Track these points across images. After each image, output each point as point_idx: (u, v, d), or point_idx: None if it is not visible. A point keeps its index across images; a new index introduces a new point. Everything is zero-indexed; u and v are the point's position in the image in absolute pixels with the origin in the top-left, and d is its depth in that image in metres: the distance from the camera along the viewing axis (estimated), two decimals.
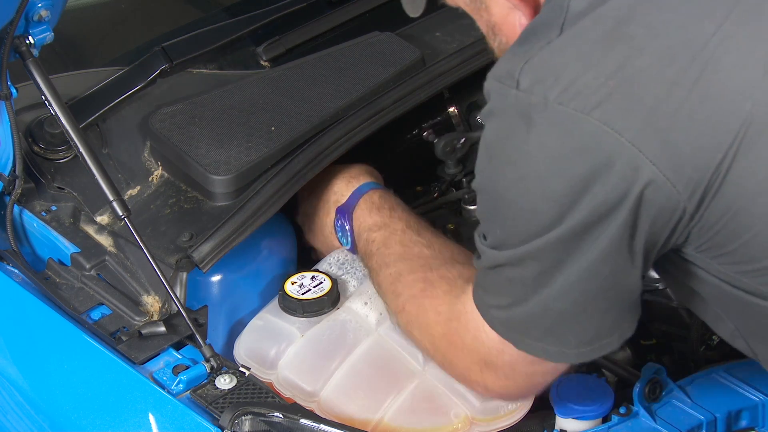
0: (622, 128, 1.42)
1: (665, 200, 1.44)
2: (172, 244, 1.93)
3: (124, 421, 1.71)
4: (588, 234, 1.47)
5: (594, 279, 1.50)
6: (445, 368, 1.81)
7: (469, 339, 1.68)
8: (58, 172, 2.09)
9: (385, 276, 1.91)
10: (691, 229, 1.48)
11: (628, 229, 1.46)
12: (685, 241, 1.51)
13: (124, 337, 1.80)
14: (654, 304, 2.07)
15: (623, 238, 1.47)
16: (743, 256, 1.49)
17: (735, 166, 1.43)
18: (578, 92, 1.44)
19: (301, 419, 1.65)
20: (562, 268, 1.50)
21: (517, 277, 1.55)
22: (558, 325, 1.56)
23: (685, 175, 1.43)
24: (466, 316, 1.68)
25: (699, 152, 1.43)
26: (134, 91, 2.20)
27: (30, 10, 1.90)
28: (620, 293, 1.54)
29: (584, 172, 1.44)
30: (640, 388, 1.69)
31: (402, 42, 2.31)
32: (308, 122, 2.09)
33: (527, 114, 1.46)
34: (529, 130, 1.46)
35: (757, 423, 1.75)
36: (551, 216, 1.47)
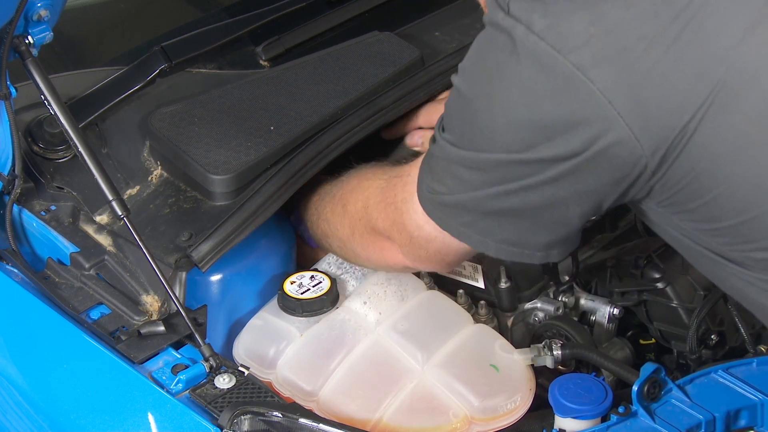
0: (596, 77, 1.44)
1: (628, 154, 1.47)
2: (172, 244, 1.94)
3: (123, 420, 1.71)
4: (540, 167, 1.51)
5: (533, 196, 1.54)
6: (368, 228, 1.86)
7: (399, 199, 1.75)
8: (57, 172, 2.09)
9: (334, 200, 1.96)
10: (653, 184, 1.51)
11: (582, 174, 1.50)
12: (647, 196, 1.54)
13: (123, 337, 1.80)
14: (653, 303, 2.07)
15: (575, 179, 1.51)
16: (704, 216, 1.52)
17: (702, 128, 1.45)
18: (560, 32, 1.46)
19: (300, 419, 1.65)
20: (505, 182, 1.55)
21: (458, 175, 1.60)
22: (488, 218, 1.61)
23: (651, 132, 1.45)
24: (408, 179, 1.73)
25: (667, 112, 1.45)
26: (133, 90, 2.19)
27: (29, 9, 1.89)
28: (557, 220, 1.58)
29: (551, 118, 1.47)
30: (638, 388, 1.69)
31: (401, 42, 2.31)
32: (307, 122, 2.09)
33: (512, 38, 1.49)
34: (511, 53, 1.49)
35: (756, 422, 1.75)
36: (508, 142, 1.51)
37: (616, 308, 2.07)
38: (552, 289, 2.11)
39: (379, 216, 1.83)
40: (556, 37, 1.46)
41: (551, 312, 2.07)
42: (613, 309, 2.07)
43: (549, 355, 1.88)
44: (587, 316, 2.11)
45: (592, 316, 2.10)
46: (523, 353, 1.90)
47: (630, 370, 1.83)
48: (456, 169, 1.61)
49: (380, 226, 1.84)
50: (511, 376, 1.87)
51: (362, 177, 1.94)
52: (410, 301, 1.99)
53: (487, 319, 2.06)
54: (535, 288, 2.10)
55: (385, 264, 1.93)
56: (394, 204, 1.79)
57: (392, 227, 1.81)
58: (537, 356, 1.89)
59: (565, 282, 2.11)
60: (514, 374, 1.88)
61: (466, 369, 1.87)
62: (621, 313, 2.08)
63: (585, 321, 2.11)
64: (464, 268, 2.09)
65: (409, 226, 1.75)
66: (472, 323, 1.98)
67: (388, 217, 1.81)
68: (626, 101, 1.45)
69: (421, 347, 1.90)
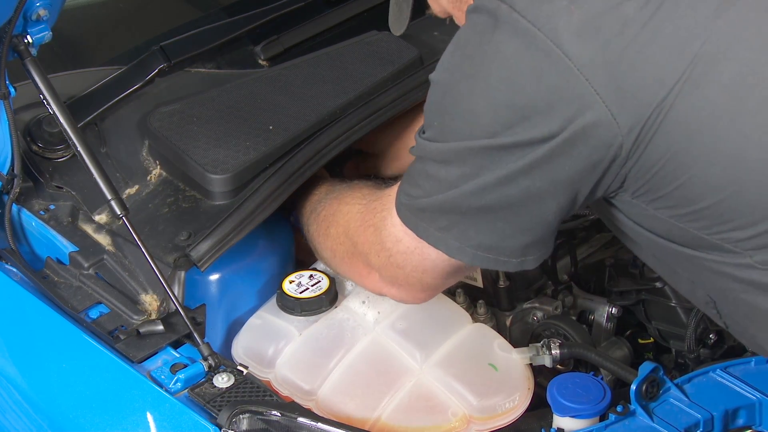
0: (573, 54, 1.46)
1: (605, 134, 1.48)
2: (171, 243, 1.94)
3: (122, 419, 1.72)
4: (516, 151, 1.51)
5: (510, 190, 1.54)
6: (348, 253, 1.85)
7: (378, 218, 1.74)
8: (56, 171, 2.09)
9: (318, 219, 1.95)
10: (628, 170, 1.51)
11: (558, 159, 1.50)
12: (621, 187, 1.54)
13: (122, 336, 1.81)
14: (651, 303, 2.07)
15: (551, 167, 1.51)
16: (680, 199, 1.52)
17: (678, 105, 1.46)
18: (541, 10, 1.48)
19: (299, 417, 1.65)
20: (481, 174, 1.54)
21: (435, 174, 1.59)
22: (464, 221, 1.59)
23: (628, 108, 1.46)
24: (387, 198, 1.74)
25: (644, 87, 1.46)
26: (132, 90, 2.20)
27: (28, 9, 1.90)
28: (533, 217, 1.57)
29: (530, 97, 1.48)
30: (637, 387, 1.69)
31: (400, 41, 2.31)
32: (306, 121, 2.09)
33: (495, 16, 1.51)
34: (494, 32, 1.51)
35: (754, 421, 1.75)
36: (487, 124, 1.52)
37: (614, 307, 2.08)
38: (550, 289, 2.11)
39: (358, 240, 1.82)
40: (536, 14, 1.48)
41: (550, 311, 2.08)
42: (612, 308, 2.08)
43: (547, 354, 1.88)
44: (586, 315, 2.12)
45: (590, 315, 2.11)
46: (522, 352, 1.90)
47: (628, 370, 1.84)
48: (432, 168, 1.60)
49: (359, 251, 1.82)
50: (510, 376, 1.87)
51: (342, 201, 1.92)
52: None
53: (486, 319, 2.06)
54: (533, 287, 2.11)
55: (363, 287, 1.92)
56: (373, 225, 1.77)
57: (370, 250, 1.78)
58: (535, 355, 1.89)
59: (563, 281, 2.11)
60: (513, 373, 1.88)
61: (465, 368, 1.87)
62: (619, 313, 2.08)
63: (583, 320, 2.11)
64: None
65: (388, 241, 1.73)
66: (470, 322, 1.98)
67: (366, 240, 1.79)
68: (603, 78, 1.46)
69: (419, 346, 1.90)
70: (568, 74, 1.47)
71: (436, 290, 1.81)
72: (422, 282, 1.75)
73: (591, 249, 2.22)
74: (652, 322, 2.09)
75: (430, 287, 1.78)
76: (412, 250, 1.70)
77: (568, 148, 1.49)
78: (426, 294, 1.81)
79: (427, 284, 1.76)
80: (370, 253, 1.78)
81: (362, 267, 1.85)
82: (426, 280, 1.74)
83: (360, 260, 1.84)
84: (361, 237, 1.81)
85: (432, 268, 1.71)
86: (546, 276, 2.11)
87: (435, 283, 1.76)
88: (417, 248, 1.68)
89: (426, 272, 1.72)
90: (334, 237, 1.90)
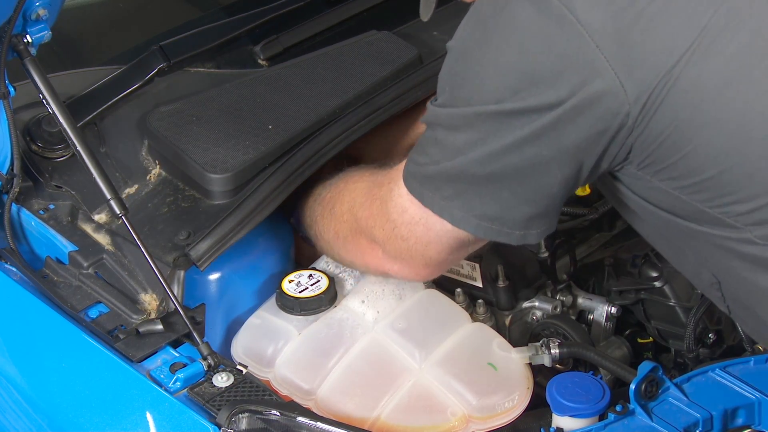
0: (586, 21, 1.48)
1: (612, 101, 1.49)
2: (170, 243, 1.94)
3: (121, 419, 1.72)
4: (523, 118, 1.52)
5: (515, 158, 1.55)
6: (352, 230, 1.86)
7: (385, 190, 1.75)
8: (56, 171, 2.09)
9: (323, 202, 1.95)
10: (633, 140, 1.52)
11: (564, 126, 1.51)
12: (627, 158, 1.55)
13: (121, 335, 1.81)
14: (651, 302, 2.07)
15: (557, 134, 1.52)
16: (684, 170, 1.53)
17: (685, 74, 1.47)
18: None
19: (298, 417, 1.66)
20: (488, 141, 1.55)
21: (443, 140, 1.60)
22: (470, 189, 1.61)
23: (636, 77, 1.48)
24: (395, 171, 1.74)
25: (652, 57, 1.48)
26: (132, 90, 2.20)
27: (28, 8, 1.90)
28: (537, 188, 1.58)
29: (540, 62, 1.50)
30: (636, 386, 1.69)
31: (399, 41, 2.31)
32: (305, 121, 2.09)
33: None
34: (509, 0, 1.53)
35: (753, 421, 1.75)
36: (495, 89, 1.53)
37: (613, 307, 2.08)
38: (550, 288, 2.11)
39: (363, 214, 1.83)
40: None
41: (549, 311, 2.08)
42: (611, 308, 2.08)
43: (547, 353, 1.88)
44: (585, 314, 2.12)
45: (589, 314, 2.11)
46: (521, 352, 1.90)
47: (627, 369, 1.84)
48: (441, 134, 1.62)
49: (363, 225, 1.83)
50: (509, 375, 1.87)
51: (349, 180, 1.94)
52: (408, 299, 2.00)
53: (485, 318, 2.06)
54: (533, 287, 2.11)
55: (366, 267, 1.93)
56: (379, 198, 1.79)
57: (375, 223, 1.79)
58: (535, 355, 1.89)
59: (562, 281, 2.12)
60: (512, 373, 1.88)
61: (464, 367, 1.87)
62: (619, 312, 2.08)
63: (583, 320, 2.11)
64: (462, 267, 2.10)
65: (393, 212, 1.74)
66: (470, 322, 1.98)
67: (372, 214, 1.80)
68: (614, 46, 1.48)
69: (419, 346, 1.90)
70: (580, 41, 1.48)
71: (438, 266, 1.81)
72: (425, 256, 1.75)
73: (590, 248, 2.22)
74: (652, 322, 2.09)
75: (433, 262, 1.78)
76: (417, 221, 1.70)
77: (575, 115, 1.51)
78: (428, 270, 1.81)
79: (430, 258, 1.76)
80: (374, 226, 1.79)
81: (365, 243, 1.85)
82: (429, 253, 1.74)
83: (363, 236, 1.85)
84: (366, 211, 1.82)
85: (436, 240, 1.71)
86: (545, 275, 2.11)
87: (438, 258, 1.76)
88: (422, 219, 1.69)
89: (430, 245, 1.72)
90: (338, 216, 1.91)
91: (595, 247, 2.22)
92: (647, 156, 1.55)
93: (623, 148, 1.55)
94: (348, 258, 1.95)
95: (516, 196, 1.60)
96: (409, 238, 1.73)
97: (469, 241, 1.72)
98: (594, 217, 2.20)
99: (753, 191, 1.52)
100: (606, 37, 1.48)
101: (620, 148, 1.55)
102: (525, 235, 1.64)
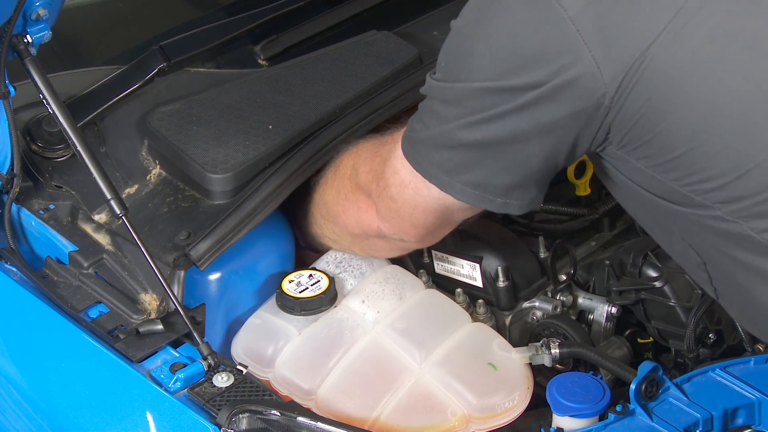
0: (567, 5, 1.54)
1: (589, 82, 1.55)
2: (170, 243, 1.94)
3: (121, 419, 1.72)
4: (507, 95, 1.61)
5: (498, 128, 1.64)
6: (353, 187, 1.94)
7: (386, 149, 1.84)
8: (56, 171, 2.09)
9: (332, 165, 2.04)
10: (611, 121, 1.59)
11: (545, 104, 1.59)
12: (607, 138, 1.62)
13: (121, 335, 1.81)
14: (651, 302, 2.07)
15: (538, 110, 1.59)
16: (658, 148, 1.59)
17: (659, 54, 1.53)
18: None
19: (298, 417, 1.66)
20: (474, 113, 1.64)
21: (437, 110, 1.70)
22: (455, 156, 1.69)
23: (612, 59, 1.54)
24: (399, 134, 1.81)
25: (628, 38, 1.54)
26: (132, 89, 2.20)
27: (28, 8, 1.90)
28: (517, 159, 1.66)
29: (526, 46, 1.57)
30: (636, 386, 1.69)
31: (399, 41, 2.31)
32: (306, 121, 2.09)
33: None
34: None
35: (753, 421, 1.75)
36: (485, 68, 1.62)
37: (614, 307, 2.08)
38: (550, 288, 2.11)
39: (364, 169, 1.91)
40: None
41: (549, 311, 2.08)
42: (611, 308, 2.08)
43: (547, 353, 1.88)
44: (585, 314, 2.12)
45: (590, 314, 2.11)
46: (521, 352, 1.90)
47: (628, 369, 1.84)
48: (434, 105, 1.70)
49: (362, 180, 1.91)
50: (509, 375, 1.87)
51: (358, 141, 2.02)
52: (408, 299, 2.00)
53: (485, 318, 2.06)
54: (533, 287, 2.11)
55: (359, 226, 1.97)
56: (380, 155, 1.87)
57: (373, 177, 1.87)
58: (535, 355, 1.89)
59: (563, 281, 2.12)
60: (512, 373, 1.88)
61: (464, 367, 1.87)
62: (619, 312, 2.08)
63: (583, 320, 2.11)
64: (462, 267, 2.10)
65: (388, 171, 1.81)
66: (470, 322, 1.98)
67: (372, 169, 1.89)
68: (592, 28, 1.54)
69: (419, 346, 1.90)
70: (562, 24, 1.55)
71: (426, 230, 1.87)
72: (413, 218, 1.83)
73: (590, 249, 2.22)
74: (652, 322, 2.09)
75: (420, 224, 1.85)
76: (406, 183, 1.78)
77: (554, 95, 1.58)
78: (416, 231, 1.87)
79: (417, 220, 1.84)
80: (372, 181, 1.87)
81: (363, 200, 1.92)
82: (416, 216, 1.82)
83: (362, 193, 1.92)
84: (368, 166, 1.90)
85: (423, 205, 1.79)
86: (545, 275, 2.11)
87: (425, 221, 1.84)
88: (411, 182, 1.77)
89: (417, 208, 1.80)
90: (342, 173, 1.99)
91: (596, 247, 2.22)
92: (624, 135, 1.61)
93: (602, 128, 1.61)
94: (342, 217, 2.00)
95: (498, 163, 1.67)
96: (397, 199, 1.81)
97: (455, 209, 1.79)
98: (594, 217, 2.20)
99: (720, 169, 1.56)
100: (585, 19, 1.54)
101: (599, 128, 1.61)
102: (506, 204, 1.72)
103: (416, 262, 2.17)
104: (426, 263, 2.16)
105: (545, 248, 2.10)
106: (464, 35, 1.66)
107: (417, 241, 1.93)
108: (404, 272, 2.06)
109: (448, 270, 2.13)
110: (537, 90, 1.58)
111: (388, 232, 1.91)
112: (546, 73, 1.57)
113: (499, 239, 2.10)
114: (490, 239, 2.09)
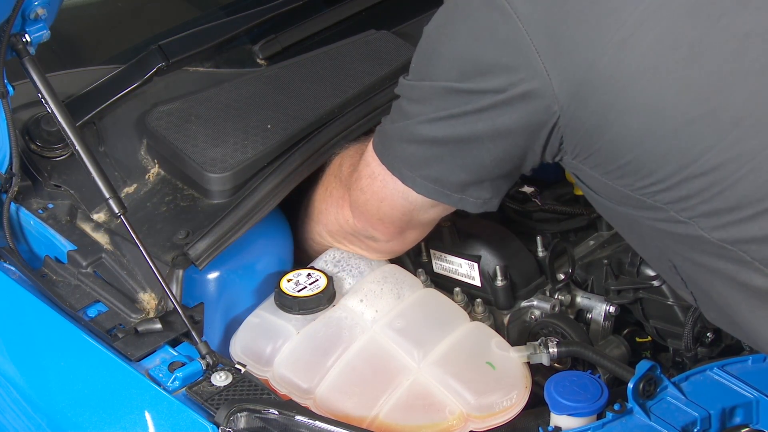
0: (522, 14, 1.59)
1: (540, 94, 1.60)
2: (169, 242, 1.94)
3: (120, 417, 1.72)
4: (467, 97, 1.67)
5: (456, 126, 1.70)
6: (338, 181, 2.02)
7: (366, 146, 1.89)
8: (54, 170, 2.09)
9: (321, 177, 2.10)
10: (563, 131, 1.64)
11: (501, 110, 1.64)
12: (561, 147, 1.67)
13: (120, 334, 1.81)
14: (649, 301, 2.07)
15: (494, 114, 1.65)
16: (606, 156, 1.63)
17: (606, 65, 1.57)
18: None
19: (297, 416, 1.66)
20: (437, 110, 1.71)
21: (404, 107, 1.77)
22: (416, 152, 1.76)
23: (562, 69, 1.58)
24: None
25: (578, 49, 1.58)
26: (131, 89, 2.20)
27: (26, 8, 1.90)
28: (473, 158, 1.73)
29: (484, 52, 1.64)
30: (634, 385, 1.69)
31: (398, 40, 2.31)
32: (304, 120, 2.09)
33: None
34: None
35: (751, 420, 1.75)
36: (448, 69, 1.68)
37: (612, 306, 2.08)
38: (548, 287, 2.11)
39: (347, 165, 2.00)
40: None
41: (547, 310, 2.08)
42: (609, 307, 2.08)
43: (545, 352, 1.89)
44: (583, 314, 2.12)
45: (588, 313, 2.11)
46: (520, 351, 1.90)
47: (626, 368, 1.84)
48: (402, 102, 1.78)
49: (345, 175, 1.97)
50: (508, 374, 1.88)
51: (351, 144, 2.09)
52: (407, 298, 2.00)
53: (484, 317, 2.06)
54: (531, 286, 2.11)
55: (336, 221, 2.02)
56: (361, 151, 1.95)
57: (352, 172, 1.94)
58: (533, 354, 1.89)
59: (561, 280, 2.12)
60: (511, 372, 1.88)
61: (463, 366, 1.87)
62: (617, 311, 2.08)
63: (581, 319, 2.11)
64: (461, 266, 2.10)
65: (361, 164, 1.89)
66: (468, 321, 1.98)
67: (352, 163, 1.97)
68: (544, 38, 1.59)
69: (417, 345, 1.90)
70: (516, 33, 1.59)
71: (393, 227, 1.93)
72: (380, 211, 1.89)
73: (589, 248, 2.22)
74: (650, 321, 2.09)
75: (387, 219, 1.91)
76: (375, 176, 1.85)
77: (509, 103, 1.64)
78: (384, 226, 1.94)
79: (384, 214, 1.90)
80: (350, 176, 1.95)
81: (343, 195, 1.99)
82: (384, 209, 1.88)
83: (343, 187, 1.98)
84: (350, 161, 2.00)
85: (390, 198, 1.85)
86: (544, 275, 2.11)
87: (392, 216, 1.89)
88: (379, 175, 1.84)
89: (384, 201, 1.87)
90: (331, 171, 2.07)
91: (594, 246, 2.22)
92: (576, 145, 1.65)
93: (554, 137, 1.66)
94: (324, 216, 2.06)
95: (455, 160, 1.74)
96: (366, 191, 1.88)
97: (417, 205, 1.85)
98: (592, 216, 2.20)
99: (668, 170, 1.59)
100: (538, 29, 1.59)
101: (551, 138, 1.66)
102: (462, 200, 1.78)
103: (415, 261, 2.17)
104: (424, 262, 2.16)
105: (543, 247, 2.10)
106: (432, 37, 1.73)
107: (386, 239, 1.97)
108: (403, 271, 2.06)
109: (446, 269, 2.13)
110: (495, 96, 1.64)
111: (359, 226, 1.97)
112: (502, 81, 1.63)
113: (497, 238, 2.10)
114: (489, 238, 2.09)
